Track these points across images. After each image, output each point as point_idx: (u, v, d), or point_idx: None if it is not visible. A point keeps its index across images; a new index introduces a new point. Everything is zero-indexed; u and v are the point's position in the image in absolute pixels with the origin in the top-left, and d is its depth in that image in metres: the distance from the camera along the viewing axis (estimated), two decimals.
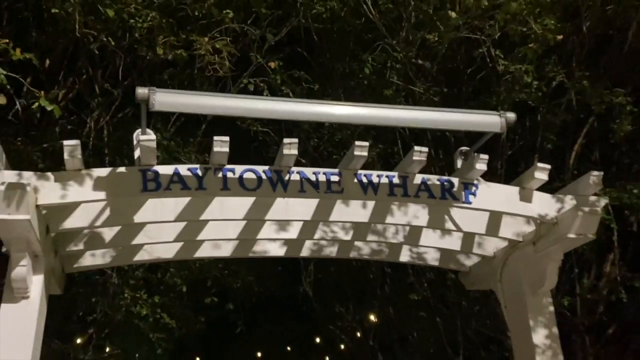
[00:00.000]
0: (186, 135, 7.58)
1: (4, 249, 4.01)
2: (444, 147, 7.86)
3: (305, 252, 5.25)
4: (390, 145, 7.96)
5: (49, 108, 3.66)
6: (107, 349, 9.05)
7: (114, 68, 6.94)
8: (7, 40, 3.51)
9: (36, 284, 3.90)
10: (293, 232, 4.82)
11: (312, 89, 7.17)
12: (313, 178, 4.15)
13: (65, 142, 3.77)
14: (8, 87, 3.91)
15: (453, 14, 5.20)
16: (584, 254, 7.36)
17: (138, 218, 4.25)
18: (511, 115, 3.93)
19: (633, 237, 7.40)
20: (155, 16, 5.13)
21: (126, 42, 5.84)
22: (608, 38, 7.25)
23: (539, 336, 4.55)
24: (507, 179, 6.66)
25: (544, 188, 4.51)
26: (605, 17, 6.66)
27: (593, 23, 6.62)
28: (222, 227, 4.72)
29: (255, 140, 7.90)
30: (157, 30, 5.25)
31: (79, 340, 8.38)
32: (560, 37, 5.40)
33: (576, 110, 7.04)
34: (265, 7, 6.44)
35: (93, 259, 4.91)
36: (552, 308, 4.69)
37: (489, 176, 4.69)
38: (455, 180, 4.36)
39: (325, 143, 8.14)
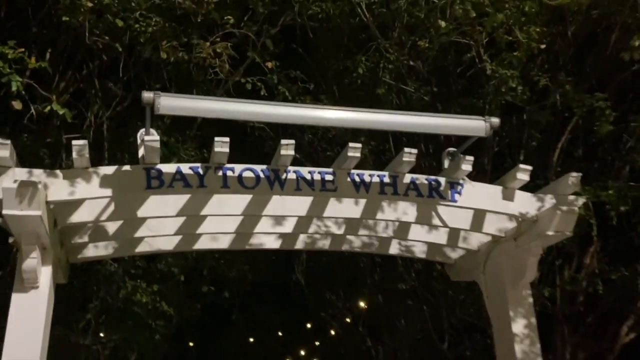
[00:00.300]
0: (183, 129, 7.73)
1: (10, 240, 4.20)
2: (434, 144, 8.09)
3: (299, 245, 5.43)
4: (382, 142, 8.17)
5: (60, 112, 3.82)
6: (108, 335, 9.28)
7: (113, 62, 7.05)
8: (23, 49, 3.66)
9: (45, 275, 4.08)
10: (288, 227, 4.98)
11: (307, 87, 7.36)
12: (308, 177, 4.34)
13: (74, 142, 3.92)
14: (23, 92, 4.06)
15: (443, 23, 5.40)
16: (565, 247, 7.64)
17: (141, 213, 4.43)
18: (495, 120, 4.14)
19: (613, 231, 7.65)
20: (159, 21, 5.28)
21: (127, 40, 5.96)
22: (593, 39, 7.48)
23: (518, 326, 4.78)
24: (493, 175, 6.92)
25: (528, 184, 4.72)
26: (590, 20, 6.87)
27: (578, 27, 6.84)
28: (221, 222, 4.90)
29: (251, 136, 8.10)
30: (160, 34, 5.39)
31: (80, 327, 8.60)
32: (543, 45, 5.61)
33: (560, 110, 7.29)
34: (262, 5, 6.59)
35: (96, 250, 5.09)
36: (531, 300, 4.93)
37: (475, 172, 4.91)
38: (442, 180, 4.58)
39: (319, 140, 8.35)
